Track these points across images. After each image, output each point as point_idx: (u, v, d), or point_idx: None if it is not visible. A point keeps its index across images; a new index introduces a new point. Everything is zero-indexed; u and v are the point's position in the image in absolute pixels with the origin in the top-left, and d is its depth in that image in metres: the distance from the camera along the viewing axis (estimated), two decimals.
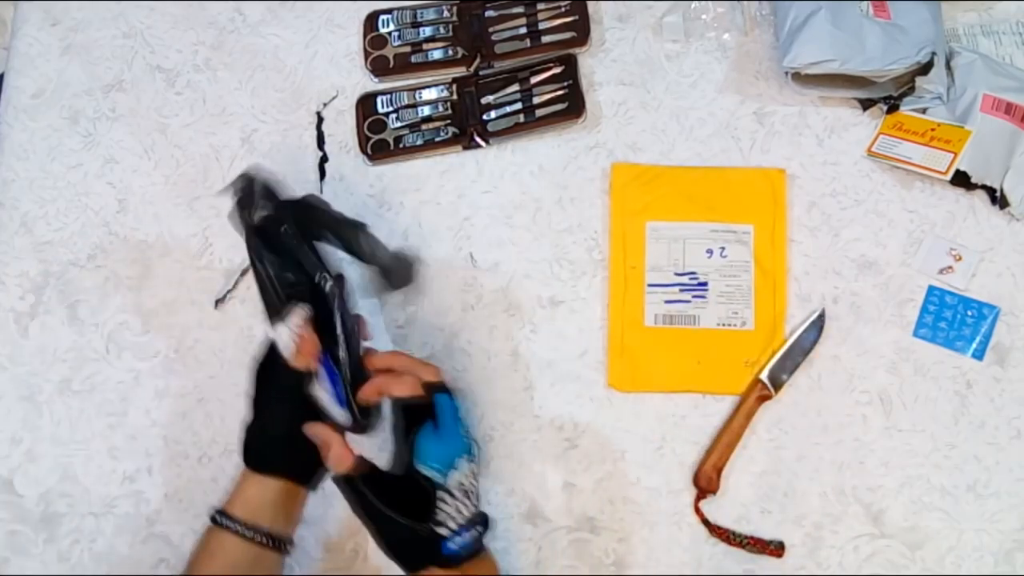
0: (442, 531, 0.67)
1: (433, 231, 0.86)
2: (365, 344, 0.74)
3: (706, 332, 0.82)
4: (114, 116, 0.91)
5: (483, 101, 0.88)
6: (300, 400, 0.70)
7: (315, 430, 0.69)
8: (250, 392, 0.71)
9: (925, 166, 0.82)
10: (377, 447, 0.77)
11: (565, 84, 0.87)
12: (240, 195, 0.72)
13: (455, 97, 0.89)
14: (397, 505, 0.67)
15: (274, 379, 0.70)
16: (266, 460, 0.70)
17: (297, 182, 0.88)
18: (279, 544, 0.69)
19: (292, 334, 0.69)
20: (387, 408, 0.73)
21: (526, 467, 0.81)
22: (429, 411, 0.70)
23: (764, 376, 0.80)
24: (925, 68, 0.82)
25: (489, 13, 0.90)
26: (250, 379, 0.72)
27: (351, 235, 0.71)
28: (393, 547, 0.68)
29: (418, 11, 0.91)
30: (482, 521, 0.70)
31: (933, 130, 0.83)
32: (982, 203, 0.84)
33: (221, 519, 0.68)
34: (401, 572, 0.68)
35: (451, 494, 0.68)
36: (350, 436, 0.70)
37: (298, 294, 0.70)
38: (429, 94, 0.89)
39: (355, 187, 0.88)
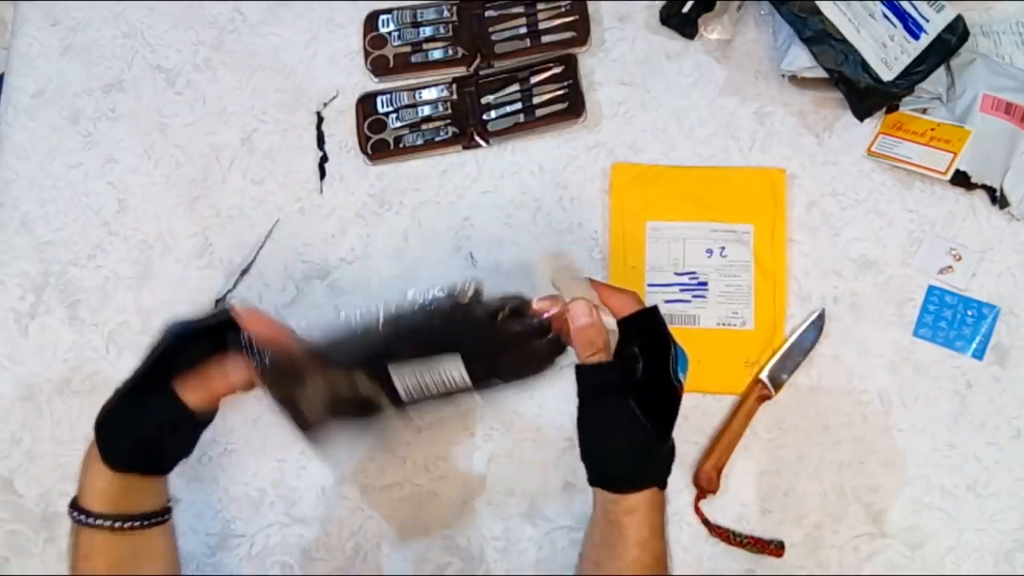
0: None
1: (433, 231, 0.86)
2: None
3: (706, 332, 0.82)
4: (114, 116, 0.91)
5: (483, 101, 0.88)
6: (179, 419, 0.63)
7: (578, 307, 0.61)
8: (130, 382, 0.63)
9: (925, 166, 0.82)
10: None
11: (565, 84, 0.87)
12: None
13: (455, 97, 0.89)
14: (646, 413, 0.60)
15: (159, 391, 0.62)
16: (129, 462, 0.62)
17: (297, 182, 0.88)
18: (153, 520, 0.63)
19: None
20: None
21: (526, 467, 0.81)
22: (659, 324, 0.63)
23: (764, 376, 0.80)
24: None
25: (489, 13, 0.90)
26: (141, 369, 0.63)
27: None
28: (625, 459, 0.61)
29: (418, 11, 0.91)
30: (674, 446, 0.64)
31: (933, 130, 0.83)
32: (982, 203, 0.84)
33: (83, 518, 0.61)
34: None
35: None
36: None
37: None
38: (429, 94, 0.89)
39: (355, 187, 0.88)
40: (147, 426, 0.63)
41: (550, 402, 0.82)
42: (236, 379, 0.62)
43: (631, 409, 0.60)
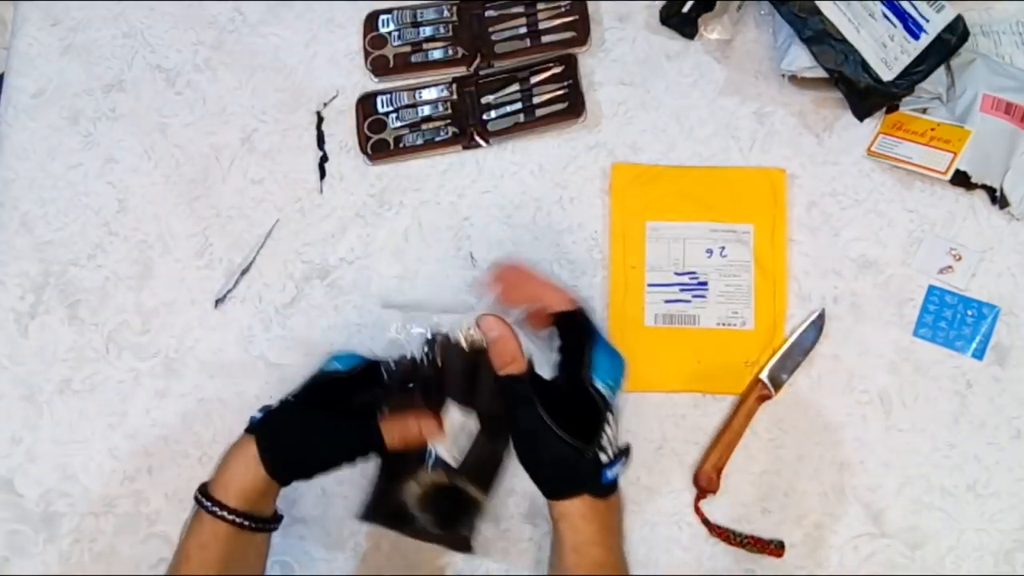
0: (603, 456, 0.62)
1: (433, 231, 0.86)
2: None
3: (706, 332, 0.82)
4: (114, 116, 0.91)
5: (483, 101, 0.88)
6: (352, 435, 0.67)
7: (487, 321, 0.64)
8: (308, 394, 0.68)
9: (925, 166, 0.82)
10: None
11: (565, 84, 0.87)
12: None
13: (455, 97, 0.89)
14: (562, 422, 0.61)
15: (344, 407, 0.68)
16: (292, 474, 0.66)
17: (297, 182, 0.88)
18: (275, 524, 0.68)
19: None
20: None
21: None
22: (579, 328, 0.65)
23: (764, 376, 0.80)
24: None
25: (489, 13, 0.90)
26: (316, 383, 0.69)
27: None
28: (548, 468, 0.63)
29: (418, 11, 0.91)
30: (628, 453, 0.65)
31: (933, 130, 0.83)
32: (982, 203, 0.84)
33: (218, 510, 0.64)
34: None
35: (615, 416, 0.63)
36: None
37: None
38: (429, 94, 0.89)
39: (355, 187, 0.88)
40: (336, 452, 0.67)
41: None
42: (428, 436, 0.67)
43: (541, 418, 0.61)
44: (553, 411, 0.62)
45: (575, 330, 0.65)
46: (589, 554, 0.62)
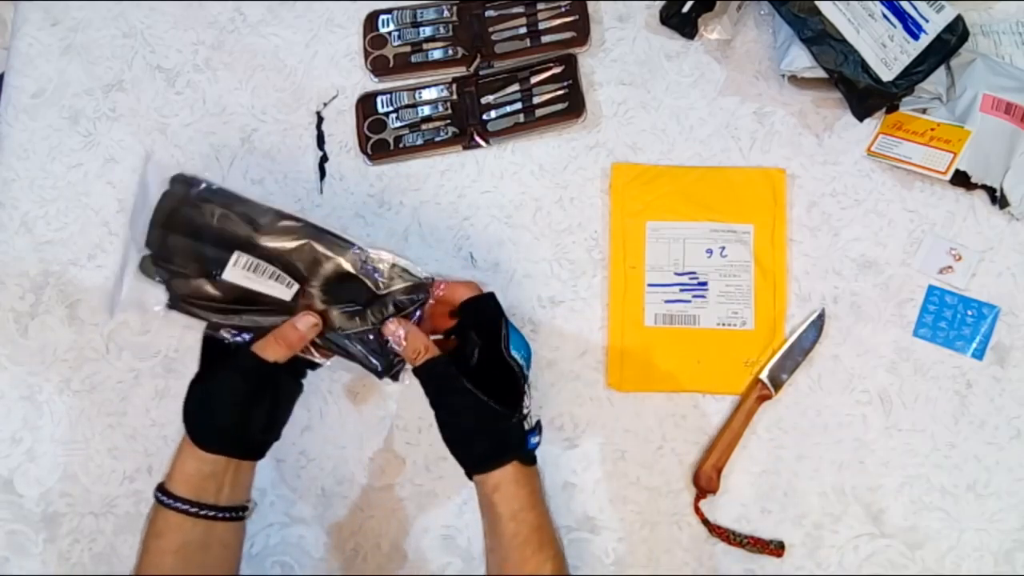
0: (526, 423, 0.68)
1: (433, 231, 0.86)
2: None
3: (706, 332, 0.82)
4: (114, 116, 0.91)
5: (483, 101, 0.88)
6: (256, 381, 0.68)
7: (389, 327, 0.69)
8: (202, 359, 0.70)
9: (925, 166, 0.82)
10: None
11: (565, 84, 0.87)
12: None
13: (455, 97, 0.89)
14: (486, 393, 0.67)
15: (235, 357, 0.69)
16: (212, 440, 0.66)
17: (297, 182, 0.88)
18: (230, 514, 0.67)
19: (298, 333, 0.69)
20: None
21: None
22: (491, 310, 0.72)
23: (764, 376, 0.80)
24: None
25: (489, 13, 0.90)
26: (204, 346, 0.71)
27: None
28: (480, 440, 0.67)
29: (418, 11, 0.91)
30: (541, 428, 0.71)
31: (933, 130, 0.83)
32: (982, 203, 0.84)
33: (164, 498, 0.65)
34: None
35: (530, 387, 0.69)
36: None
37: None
38: (429, 94, 0.89)
39: (355, 187, 0.88)
40: (234, 393, 0.67)
41: (550, 402, 0.82)
42: (303, 326, 0.69)
43: (469, 390, 0.66)
44: (476, 384, 0.66)
45: (487, 311, 0.71)
46: (526, 519, 0.66)
